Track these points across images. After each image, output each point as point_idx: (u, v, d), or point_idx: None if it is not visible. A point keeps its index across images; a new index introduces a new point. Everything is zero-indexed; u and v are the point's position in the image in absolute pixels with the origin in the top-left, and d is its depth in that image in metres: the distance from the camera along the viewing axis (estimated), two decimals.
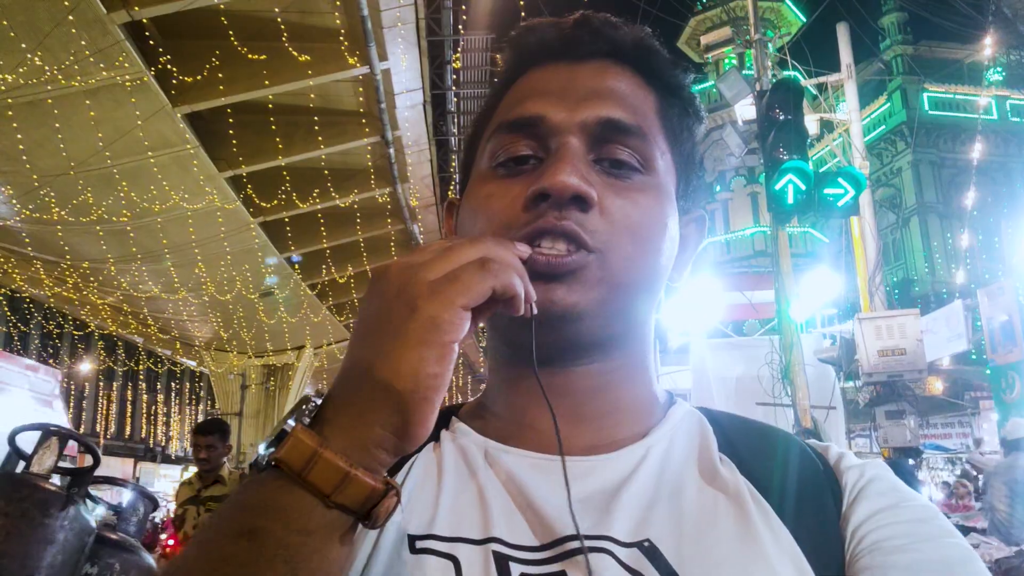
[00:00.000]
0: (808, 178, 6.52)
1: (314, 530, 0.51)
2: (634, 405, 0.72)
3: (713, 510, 0.62)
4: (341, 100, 11.55)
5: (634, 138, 0.69)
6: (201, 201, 11.37)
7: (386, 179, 13.37)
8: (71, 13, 7.45)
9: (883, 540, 0.60)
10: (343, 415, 0.53)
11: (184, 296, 14.51)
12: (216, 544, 0.51)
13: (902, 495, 0.64)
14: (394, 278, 0.54)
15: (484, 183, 0.71)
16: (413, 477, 0.67)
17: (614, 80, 0.72)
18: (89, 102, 8.79)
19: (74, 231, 11.38)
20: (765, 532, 0.60)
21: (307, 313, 17.05)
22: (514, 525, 0.62)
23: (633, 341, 0.72)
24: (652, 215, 0.68)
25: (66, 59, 8.00)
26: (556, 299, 0.64)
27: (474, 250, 0.55)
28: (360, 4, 9.09)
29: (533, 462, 0.66)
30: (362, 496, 0.52)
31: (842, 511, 0.63)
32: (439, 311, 0.52)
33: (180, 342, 18.88)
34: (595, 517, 0.61)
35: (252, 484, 0.54)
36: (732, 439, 0.70)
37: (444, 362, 0.52)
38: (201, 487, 4.74)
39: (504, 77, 0.77)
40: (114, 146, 9.65)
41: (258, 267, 14.08)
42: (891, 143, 27.17)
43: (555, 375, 0.68)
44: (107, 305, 15.25)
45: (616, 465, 0.66)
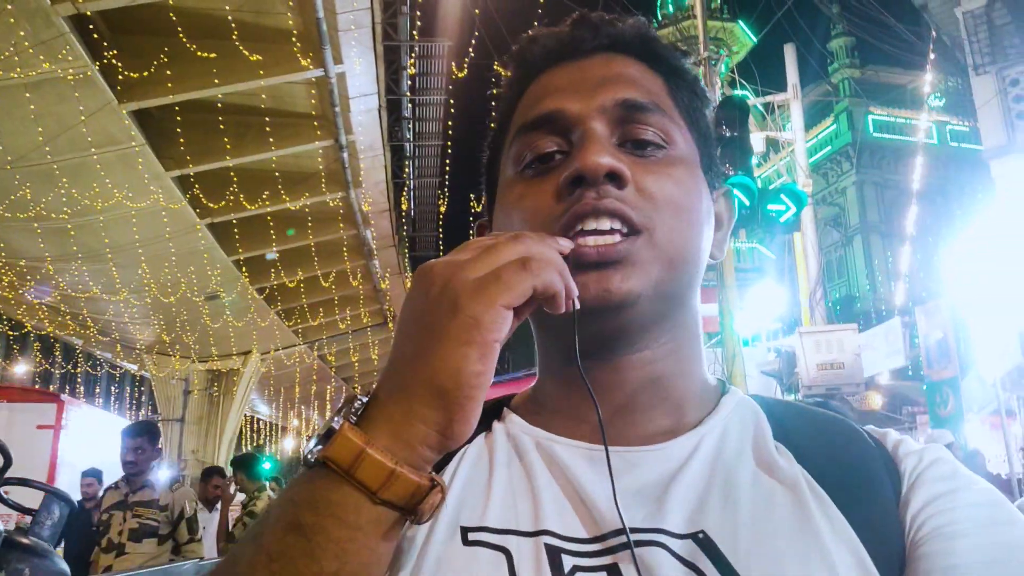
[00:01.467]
0: (752, 194, 6.66)
1: (362, 525, 0.52)
2: (686, 393, 0.71)
3: (769, 500, 0.61)
4: (294, 102, 11.41)
5: (653, 115, 0.69)
6: (146, 200, 11.12)
7: (339, 183, 13.23)
8: (11, 2, 7.23)
9: (944, 525, 0.58)
10: (388, 413, 0.54)
11: (126, 297, 14.15)
12: (268, 539, 0.53)
13: (963, 479, 0.62)
14: (437, 277, 0.55)
15: (513, 187, 0.71)
16: (465, 468, 0.68)
17: (622, 67, 0.73)
18: (30, 95, 8.54)
19: (11, 227, 11.02)
20: (823, 522, 0.59)
21: (254, 317, 16.76)
22: (566, 517, 0.62)
23: (680, 323, 0.72)
24: (688, 187, 0.69)
25: (5, 50, 7.76)
26: (612, 287, 0.64)
27: (515, 249, 0.56)
28: (316, 6, 9.01)
29: (585, 453, 0.66)
30: (408, 492, 0.53)
31: (901, 497, 0.62)
32: (481, 310, 0.53)
33: (121, 345, 18.38)
34: (648, 509, 0.61)
35: (302, 480, 0.55)
36: (787, 427, 0.69)
37: (487, 361, 0.53)
38: (128, 491, 4.61)
39: (514, 89, 0.78)
40: (56, 141, 9.38)
41: (204, 269, 13.80)
42: (837, 163, 27.91)
43: (606, 366, 0.68)
44: (44, 305, 14.78)
45: (668, 455, 0.66)
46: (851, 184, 27.32)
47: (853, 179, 27.14)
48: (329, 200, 13.62)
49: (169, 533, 4.56)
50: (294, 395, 24.26)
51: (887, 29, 13.82)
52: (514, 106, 0.77)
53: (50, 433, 10.02)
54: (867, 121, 27.15)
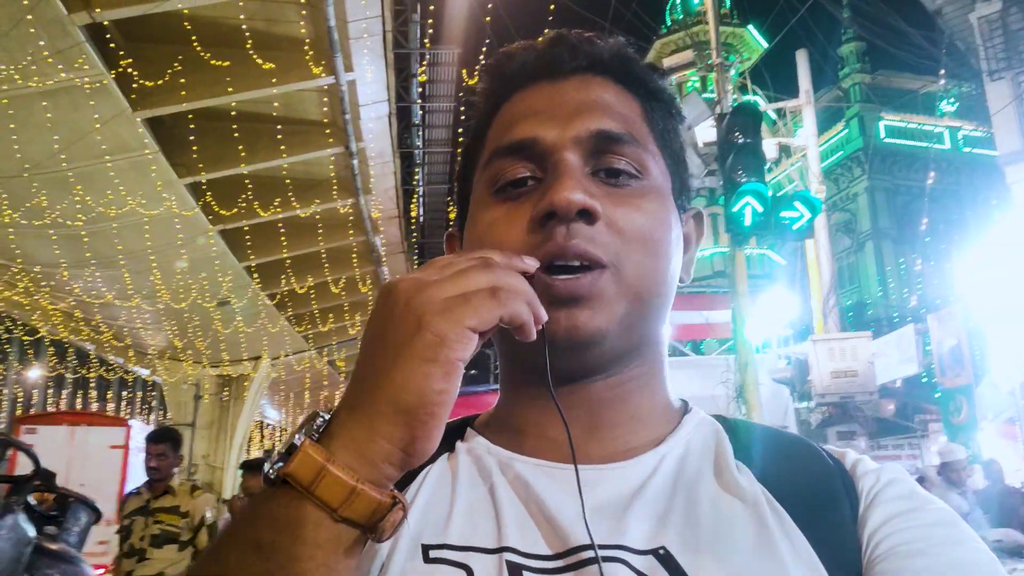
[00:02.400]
0: (765, 201, 6.65)
1: (322, 543, 0.52)
2: (649, 413, 0.72)
3: (730, 518, 0.62)
4: (305, 109, 11.46)
5: (627, 146, 0.70)
6: (159, 207, 11.17)
7: (349, 190, 13.27)
8: (30, 12, 7.30)
9: (900, 544, 0.59)
10: (350, 430, 0.54)
11: (138, 303, 14.22)
12: (228, 556, 0.53)
13: (920, 499, 0.64)
14: (402, 295, 0.55)
15: (486, 210, 0.71)
16: (427, 487, 0.68)
17: (599, 92, 0.73)
18: (46, 103, 8.60)
19: (26, 234, 11.09)
20: (782, 540, 0.60)
21: (264, 323, 16.80)
22: (527, 534, 0.62)
23: (649, 350, 0.73)
24: (657, 219, 0.69)
25: (23, 59, 7.82)
26: (580, 324, 0.64)
27: (485, 277, 0.56)
28: (327, 14, 9.05)
29: (546, 471, 0.67)
30: (368, 510, 0.53)
31: (859, 516, 0.63)
32: (446, 329, 0.53)
33: (133, 350, 18.46)
34: (609, 525, 0.62)
35: (263, 497, 0.55)
36: (748, 446, 0.70)
37: (450, 379, 0.53)
38: (151, 497, 4.64)
39: (489, 105, 0.78)
40: (71, 149, 9.45)
41: (215, 275, 13.86)
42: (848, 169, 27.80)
43: (571, 389, 0.68)
44: (58, 311, 14.87)
45: (630, 473, 0.66)
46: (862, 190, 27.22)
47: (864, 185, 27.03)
48: (339, 207, 13.66)
49: (190, 539, 4.59)
50: (304, 400, 24.30)
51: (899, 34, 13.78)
52: (489, 122, 0.77)
53: (120, 452, 11.45)
54: (878, 126, 27.05)
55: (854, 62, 28.84)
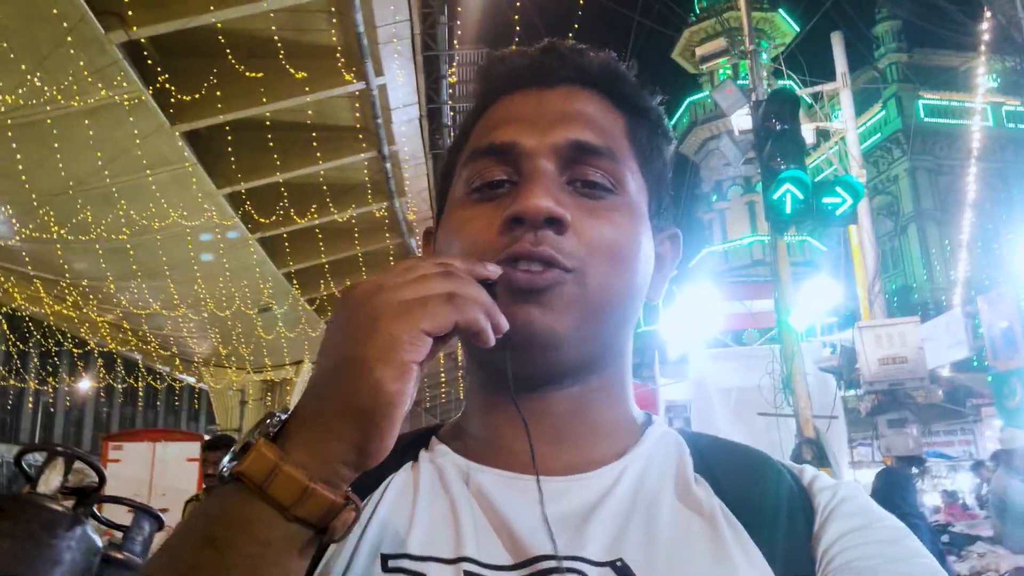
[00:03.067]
0: (806, 188, 6.54)
1: (273, 541, 0.52)
2: (611, 426, 0.72)
3: (687, 530, 0.63)
4: (338, 116, 11.58)
5: (604, 159, 0.70)
6: (200, 218, 11.39)
7: (383, 194, 13.38)
8: (70, 34, 7.48)
9: (853, 560, 0.60)
10: (305, 430, 0.54)
11: (183, 313, 14.50)
12: (181, 552, 0.53)
13: (873, 516, 0.65)
14: (359, 297, 0.56)
15: (460, 208, 0.72)
16: (389, 496, 0.68)
17: (583, 103, 0.73)
18: (88, 121, 8.82)
19: (73, 249, 11.38)
20: (738, 553, 0.60)
21: (305, 328, 17.03)
22: (486, 544, 0.62)
23: (611, 363, 0.73)
24: (626, 234, 0.69)
25: (65, 79, 8.02)
26: (533, 320, 0.65)
27: (443, 284, 0.56)
28: (356, 21, 9.13)
29: (508, 481, 0.67)
30: (321, 510, 0.53)
31: (813, 531, 0.64)
32: (400, 331, 0.53)
33: (179, 359, 18.85)
34: (568, 536, 0.62)
35: (217, 495, 0.55)
36: (708, 460, 0.70)
37: (403, 380, 0.53)
38: None
39: (475, 106, 0.79)
40: (113, 165, 9.67)
41: (256, 282, 14.08)
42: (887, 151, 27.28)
43: (532, 399, 0.69)
44: (106, 322, 15.23)
45: (591, 485, 0.67)
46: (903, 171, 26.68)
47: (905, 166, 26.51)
48: (375, 210, 13.79)
49: None
50: None
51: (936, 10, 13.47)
52: (474, 123, 0.77)
53: (196, 464, 11.87)
54: (917, 106, 26.49)
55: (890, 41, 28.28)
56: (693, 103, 33.06)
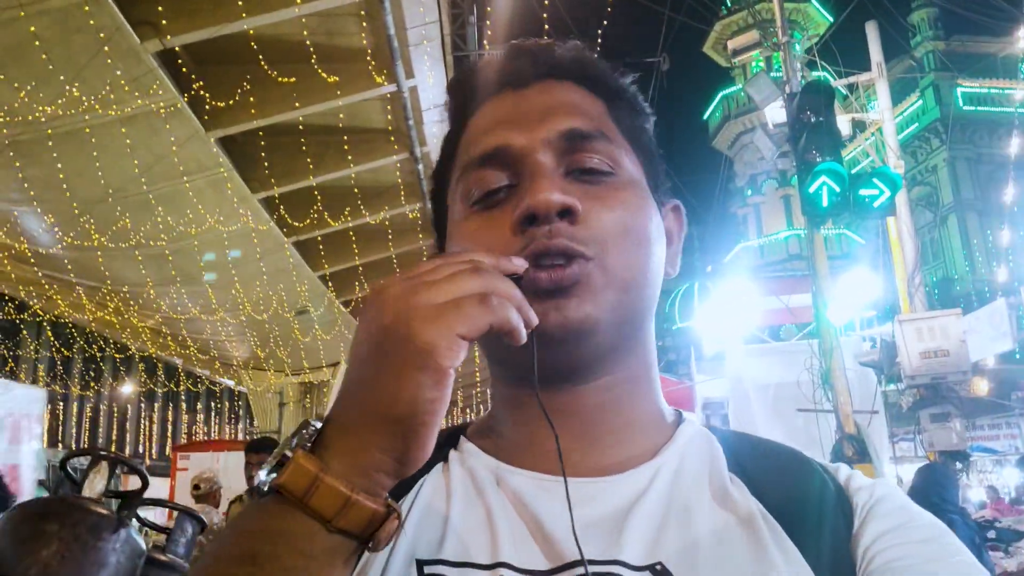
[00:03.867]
0: (842, 180, 6.44)
1: (317, 555, 0.52)
2: (642, 422, 0.71)
3: (725, 533, 0.61)
4: (370, 118, 11.66)
5: (598, 142, 0.70)
6: (236, 223, 11.54)
7: (416, 195, 13.46)
8: (106, 44, 7.63)
9: (893, 560, 0.59)
10: (343, 440, 0.53)
11: (222, 316, 14.72)
12: (219, 568, 0.52)
13: (911, 514, 0.64)
14: (391, 301, 0.54)
15: (464, 222, 0.71)
16: (422, 499, 0.67)
17: (562, 94, 0.73)
18: (125, 130, 8.98)
19: (114, 256, 11.61)
20: (778, 554, 0.59)
21: (341, 330, 17.19)
22: (522, 549, 0.62)
23: (638, 350, 0.72)
24: (636, 210, 0.69)
25: (102, 89, 8.18)
26: (570, 313, 0.64)
27: (475, 282, 0.55)
28: (386, 23, 9.19)
29: (542, 484, 0.66)
30: (364, 520, 0.52)
31: (853, 532, 0.63)
32: (436, 337, 0.52)
33: (219, 362, 19.13)
34: (606, 540, 0.61)
35: (254, 510, 0.54)
36: (742, 459, 0.69)
37: (441, 387, 0.52)
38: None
39: (455, 123, 0.79)
40: (150, 172, 9.85)
41: (292, 285, 14.24)
42: (925, 141, 26.77)
43: (561, 394, 0.68)
44: (147, 328, 15.52)
45: (626, 486, 0.66)
46: (942, 161, 26.15)
47: (944, 156, 25.97)
48: (408, 212, 13.87)
49: None
50: None
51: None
52: (457, 139, 0.77)
53: None
54: (956, 94, 25.94)
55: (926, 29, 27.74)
56: (726, 97, 32.72)
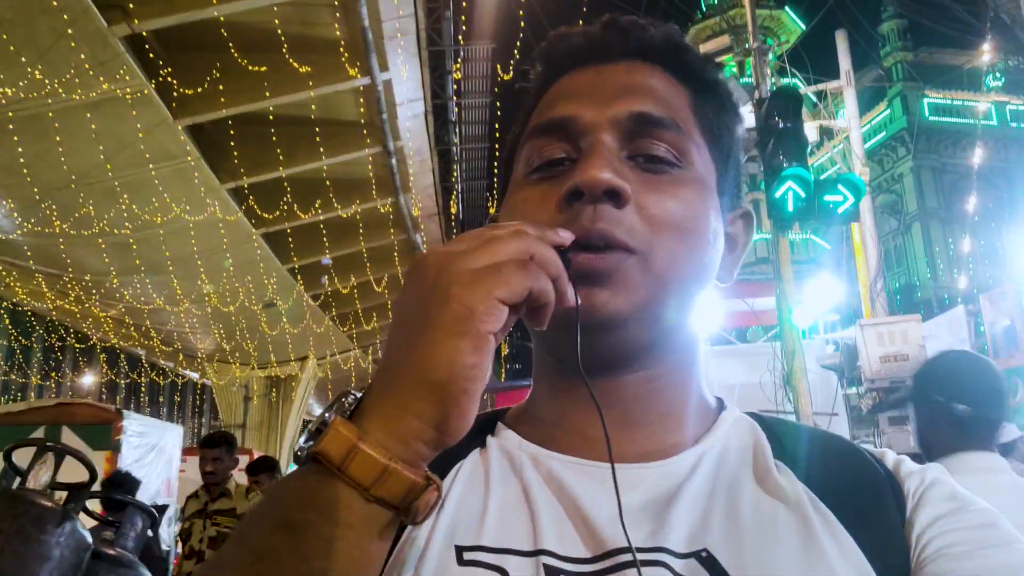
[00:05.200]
0: (808, 185, 6.52)
1: (354, 523, 0.50)
2: (684, 410, 0.70)
3: (772, 519, 0.60)
4: (342, 111, 11.57)
5: (668, 131, 0.67)
6: (203, 213, 11.39)
7: (388, 189, 13.39)
8: (71, 27, 7.47)
9: (948, 546, 0.58)
10: (381, 408, 0.52)
11: (187, 308, 14.52)
12: (255, 537, 0.51)
13: (964, 500, 0.63)
14: (431, 267, 0.54)
15: (520, 189, 0.70)
16: (460, 485, 0.66)
17: (645, 77, 0.71)
18: (90, 115, 8.81)
19: (76, 244, 11.39)
20: (829, 541, 0.58)
21: (310, 324, 17.05)
22: (564, 536, 0.61)
23: (680, 344, 0.70)
24: (693, 208, 0.67)
25: (67, 72, 8.02)
26: (598, 304, 0.62)
27: (517, 245, 0.54)
28: (361, 15, 9.12)
29: (583, 469, 0.65)
30: (402, 490, 0.51)
31: (906, 517, 0.61)
32: (475, 301, 0.51)
33: (183, 354, 18.87)
34: (650, 527, 0.60)
35: (291, 477, 0.53)
36: (787, 445, 0.68)
37: (481, 353, 0.51)
38: (208, 500, 4.73)
39: (536, 88, 0.77)
40: (115, 159, 9.67)
41: (260, 278, 14.10)
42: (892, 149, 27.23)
43: (600, 383, 0.65)
44: (109, 318, 15.26)
45: (669, 472, 0.65)
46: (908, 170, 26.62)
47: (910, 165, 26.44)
48: (379, 206, 13.79)
49: None
50: None
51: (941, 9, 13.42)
52: (535, 104, 0.75)
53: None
54: (922, 104, 26.41)
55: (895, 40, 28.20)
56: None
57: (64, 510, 1.50)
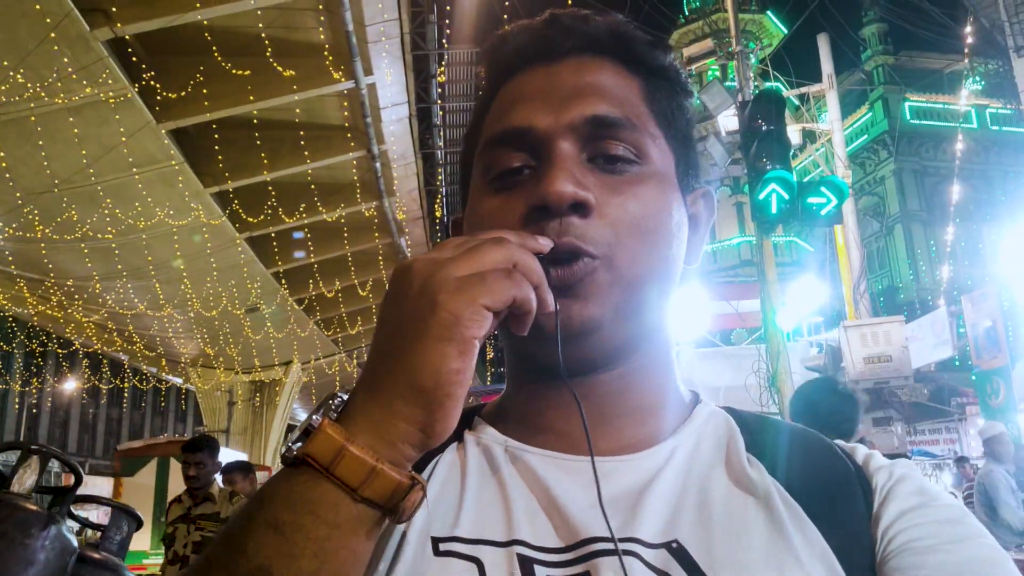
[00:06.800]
0: (791, 188, 6.57)
1: (342, 523, 0.52)
2: (658, 404, 0.71)
3: (742, 512, 0.61)
4: (327, 115, 11.55)
5: (624, 130, 0.67)
6: (187, 217, 11.33)
7: (373, 193, 13.36)
8: (54, 30, 7.42)
9: (913, 540, 0.59)
10: (368, 411, 0.54)
11: (170, 313, 14.42)
12: (244, 537, 0.52)
13: (931, 495, 0.63)
14: (417, 275, 0.55)
15: (482, 199, 0.70)
16: (437, 477, 0.67)
17: (595, 74, 0.70)
18: (73, 119, 8.76)
19: (58, 249, 11.30)
20: (796, 534, 0.59)
21: (294, 328, 16.97)
22: (538, 526, 0.61)
23: (652, 340, 0.71)
24: (653, 205, 0.67)
25: (49, 76, 7.97)
26: (573, 314, 0.63)
27: (502, 253, 0.55)
28: (345, 19, 9.11)
29: (558, 462, 0.66)
30: (388, 490, 0.52)
31: (872, 512, 0.62)
32: (461, 308, 0.52)
33: (166, 359, 18.74)
34: (621, 518, 0.61)
35: (280, 478, 0.54)
36: (759, 439, 0.68)
37: (466, 358, 0.53)
38: (191, 505, 4.69)
39: (486, 90, 0.76)
40: (98, 163, 9.61)
41: (244, 282, 14.02)
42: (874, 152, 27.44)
43: (575, 383, 0.66)
44: (92, 323, 15.13)
45: (641, 465, 0.65)
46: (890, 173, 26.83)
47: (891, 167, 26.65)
48: (364, 210, 13.76)
49: None
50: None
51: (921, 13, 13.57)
52: (486, 109, 0.75)
53: None
54: (904, 108, 26.64)
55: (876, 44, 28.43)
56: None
57: (49, 514, 1.49)
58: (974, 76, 21.88)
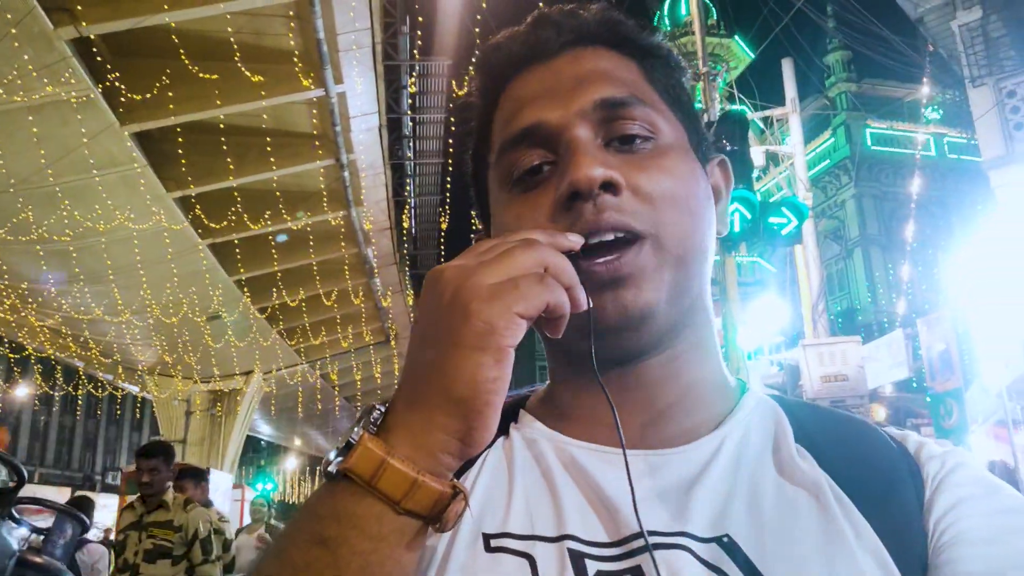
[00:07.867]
0: (753, 207, 6.69)
1: (386, 536, 0.52)
2: (705, 389, 0.70)
3: (793, 505, 0.61)
4: (295, 122, 11.47)
5: (634, 108, 0.68)
6: (148, 221, 11.14)
7: (340, 202, 13.27)
8: (15, 27, 7.29)
9: (967, 531, 0.58)
10: (407, 422, 0.54)
11: (128, 319, 14.15)
12: (291, 553, 0.53)
13: (988, 485, 0.62)
14: (449, 283, 0.54)
15: (508, 205, 0.70)
16: (485, 474, 0.67)
17: (593, 62, 0.71)
18: (32, 118, 8.59)
19: (13, 250, 11.03)
20: (847, 527, 0.58)
21: (256, 337, 16.74)
22: (587, 522, 0.62)
23: (696, 320, 0.70)
24: (682, 176, 0.67)
25: (8, 74, 7.81)
26: (629, 303, 0.63)
27: (532, 257, 0.55)
28: (316, 27, 9.08)
29: (605, 456, 0.65)
30: (431, 501, 0.53)
31: (924, 502, 0.61)
32: (495, 316, 0.52)
33: (122, 366, 18.35)
34: (672, 512, 0.61)
35: (323, 494, 0.55)
36: (809, 430, 0.68)
37: (502, 367, 0.53)
38: (144, 512, 4.58)
39: (486, 100, 0.76)
40: (58, 164, 9.42)
41: (205, 289, 13.81)
42: (836, 177, 27.98)
43: (623, 373, 0.67)
44: (45, 327, 14.77)
45: (691, 458, 0.65)
46: (850, 197, 27.36)
47: (852, 192, 27.18)
48: (330, 219, 13.67)
49: (183, 554, 4.52)
50: (297, 414, 24.19)
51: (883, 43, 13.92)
52: (490, 117, 0.75)
53: None
54: (865, 134, 27.22)
55: (840, 71, 29.04)
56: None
57: None
58: (933, 105, 22.48)
